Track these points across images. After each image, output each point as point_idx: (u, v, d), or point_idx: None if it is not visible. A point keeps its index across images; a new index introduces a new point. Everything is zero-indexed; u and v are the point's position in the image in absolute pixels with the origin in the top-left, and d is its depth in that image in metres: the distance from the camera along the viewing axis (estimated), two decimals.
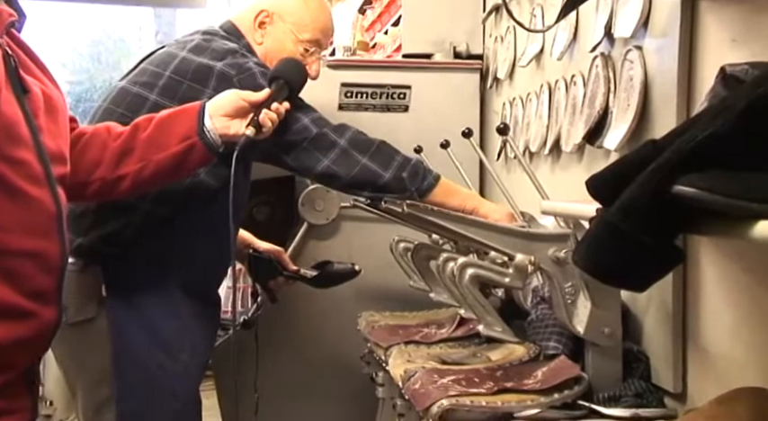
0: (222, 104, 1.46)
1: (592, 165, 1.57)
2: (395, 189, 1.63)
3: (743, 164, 0.68)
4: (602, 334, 1.26)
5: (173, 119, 1.45)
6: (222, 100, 1.47)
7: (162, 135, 1.42)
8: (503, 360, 1.38)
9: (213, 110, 1.45)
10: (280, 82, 1.54)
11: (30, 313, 1.12)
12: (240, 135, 1.45)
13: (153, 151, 1.41)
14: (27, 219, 1.12)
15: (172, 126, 1.43)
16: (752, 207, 0.66)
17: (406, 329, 1.76)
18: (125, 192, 1.43)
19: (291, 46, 1.80)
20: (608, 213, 0.77)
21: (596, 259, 0.80)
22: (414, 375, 1.30)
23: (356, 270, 1.93)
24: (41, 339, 1.16)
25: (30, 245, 1.12)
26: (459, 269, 1.33)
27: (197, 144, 1.42)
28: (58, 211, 1.16)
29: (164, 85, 1.66)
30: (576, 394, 1.21)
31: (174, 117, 1.45)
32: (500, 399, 1.19)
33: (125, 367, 1.62)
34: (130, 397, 1.62)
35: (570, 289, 1.27)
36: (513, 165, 2.07)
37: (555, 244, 1.27)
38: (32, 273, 1.12)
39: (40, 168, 1.14)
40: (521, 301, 1.62)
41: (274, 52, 1.78)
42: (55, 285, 1.16)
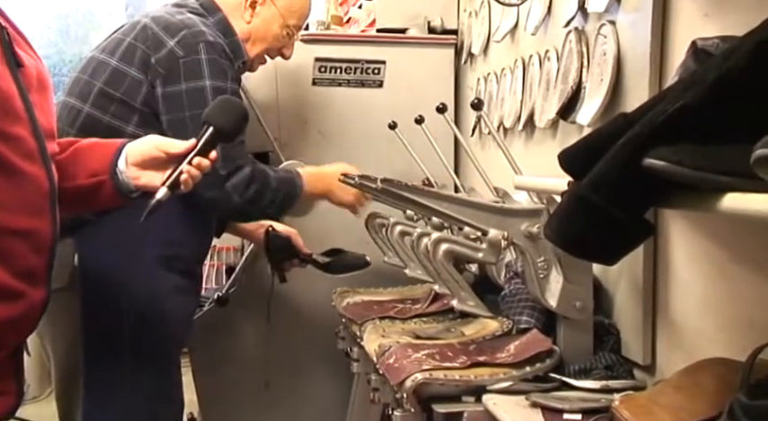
0: (136, 152, 1.29)
1: (565, 141, 1.57)
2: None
3: (712, 137, 0.68)
4: (574, 308, 1.27)
5: (90, 150, 1.33)
6: (139, 147, 1.30)
7: (75, 164, 1.31)
8: (476, 334, 1.39)
9: (130, 154, 1.29)
10: (208, 129, 1.30)
11: (20, 293, 1.10)
12: (153, 189, 1.26)
13: (61, 178, 1.26)
14: (22, 196, 1.09)
15: (87, 157, 1.32)
16: (720, 180, 0.67)
17: (381, 305, 1.77)
18: None
19: (277, 29, 1.84)
20: (579, 187, 0.77)
21: (567, 232, 0.80)
22: (388, 350, 1.31)
23: (368, 261, 1.93)
24: (30, 319, 1.14)
25: (23, 223, 1.10)
26: (434, 244, 1.34)
27: (106, 183, 1.29)
28: (52, 189, 1.14)
29: (123, 49, 1.69)
30: (547, 367, 1.22)
31: (92, 149, 1.33)
32: (473, 373, 1.20)
33: (92, 334, 1.62)
34: (96, 368, 1.62)
35: (543, 263, 1.28)
36: (488, 141, 2.07)
37: (528, 219, 1.28)
38: (24, 252, 1.10)
39: (34, 144, 1.12)
40: (494, 276, 1.63)
41: (260, 33, 1.82)
42: (46, 265, 1.14)
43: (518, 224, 1.28)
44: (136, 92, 1.66)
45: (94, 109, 1.67)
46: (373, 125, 2.24)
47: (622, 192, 0.74)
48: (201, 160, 1.28)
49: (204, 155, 1.28)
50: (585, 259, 1.00)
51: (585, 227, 0.77)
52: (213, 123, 1.31)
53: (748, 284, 1.05)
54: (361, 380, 1.85)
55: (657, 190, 0.74)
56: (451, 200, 1.29)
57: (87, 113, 1.67)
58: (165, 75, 1.64)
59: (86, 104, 1.68)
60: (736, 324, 1.07)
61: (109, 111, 1.66)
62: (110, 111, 1.66)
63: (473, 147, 2.03)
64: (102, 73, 1.69)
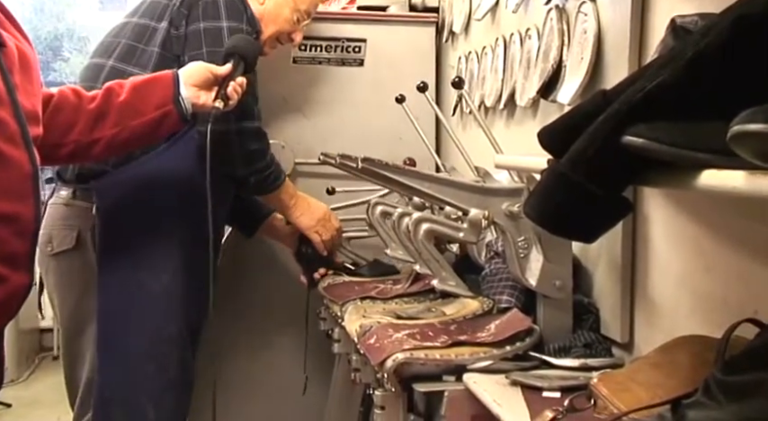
0: (192, 74, 1.50)
1: (546, 120, 1.56)
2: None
3: (690, 114, 0.69)
4: (554, 287, 1.28)
5: (148, 86, 1.49)
6: (192, 70, 1.51)
7: (138, 101, 1.46)
8: (457, 314, 1.40)
9: (185, 79, 1.49)
10: (236, 58, 1.57)
11: (1, 278, 1.10)
12: (209, 107, 1.50)
13: (129, 116, 1.45)
14: (3, 181, 1.09)
15: (148, 93, 1.47)
16: (698, 157, 0.67)
17: (362, 285, 1.77)
18: (98, 155, 1.47)
19: (288, 13, 1.87)
20: (558, 164, 0.78)
21: (545, 209, 0.81)
22: (369, 330, 1.31)
23: (398, 270, 1.92)
24: (11, 304, 1.15)
25: (5, 208, 1.09)
26: (414, 224, 1.34)
27: (171, 112, 1.47)
28: (34, 173, 1.14)
29: (145, 8, 1.76)
30: (527, 346, 1.23)
31: (149, 84, 1.49)
32: (454, 352, 1.20)
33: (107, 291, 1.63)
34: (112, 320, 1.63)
35: (523, 243, 1.29)
36: (469, 120, 2.07)
37: (508, 198, 1.28)
38: (6, 237, 1.10)
39: (16, 127, 1.11)
40: (475, 256, 1.63)
41: (271, 15, 1.85)
42: (28, 250, 1.14)
43: (499, 203, 1.28)
44: (154, 38, 1.72)
45: (118, 62, 1.73)
46: (354, 104, 2.23)
47: (601, 170, 0.74)
48: (242, 80, 1.54)
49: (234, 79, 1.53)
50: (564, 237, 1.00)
51: (564, 204, 0.78)
52: (240, 53, 1.57)
53: (724, 262, 1.06)
54: (342, 360, 1.86)
55: (636, 167, 0.74)
56: (432, 179, 1.29)
57: (111, 67, 1.72)
58: (188, 14, 1.71)
59: (110, 59, 1.73)
60: (712, 301, 1.08)
61: (131, 63, 1.71)
62: (131, 63, 1.71)
63: (454, 127, 2.03)
64: (127, 31, 1.75)
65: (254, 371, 2.21)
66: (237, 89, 1.53)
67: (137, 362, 1.63)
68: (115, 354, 1.63)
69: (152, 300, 1.64)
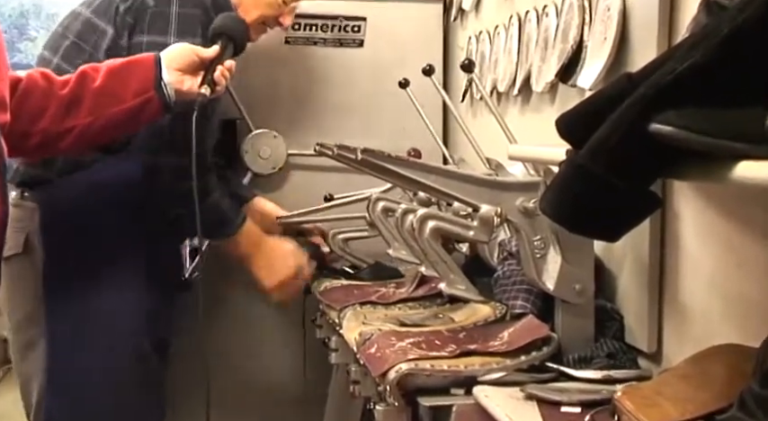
0: (175, 57, 1.50)
1: (565, 106, 1.55)
2: None
3: (725, 98, 0.68)
4: (574, 291, 1.28)
5: (126, 69, 1.47)
6: (175, 52, 1.51)
7: (116, 86, 1.45)
8: (466, 321, 1.40)
9: (167, 62, 1.48)
10: (224, 39, 1.57)
11: None
12: (195, 93, 1.49)
13: (105, 104, 1.44)
14: None
15: (126, 77, 1.46)
16: (735, 146, 0.67)
17: (362, 289, 1.77)
18: (69, 146, 1.46)
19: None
20: (578, 155, 0.77)
21: (564, 206, 0.80)
22: (369, 338, 1.31)
23: (402, 273, 1.92)
24: None
25: None
26: (419, 222, 1.34)
27: (153, 99, 1.46)
28: (2, 164, 1.13)
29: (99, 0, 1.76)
30: (544, 356, 1.23)
31: (127, 67, 1.48)
32: (463, 363, 1.20)
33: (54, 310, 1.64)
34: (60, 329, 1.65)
35: (539, 242, 1.29)
36: (480, 107, 2.06)
37: (523, 193, 1.28)
38: None
39: None
40: (486, 257, 1.63)
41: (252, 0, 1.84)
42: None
43: (512, 199, 1.28)
44: (101, 43, 1.71)
45: (63, 61, 1.72)
46: (353, 89, 2.23)
47: (625, 161, 0.74)
48: (231, 63, 1.54)
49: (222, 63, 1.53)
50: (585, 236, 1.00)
51: (584, 199, 0.77)
52: (228, 34, 1.58)
53: (763, 264, 1.06)
54: (340, 371, 1.86)
55: (664, 158, 0.74)
56: (439, 172, 1.29)
57: (56, 65, 1.71)
58: (133, 24, 1.69)
59: (56, 56, 1.73)
60: (749, 307, 1.08)
61: (74, 65, 1.68)
62: (75, 65, 1.68)
63: (463, 114, 2.03)
64: (77, 25, 1.75)
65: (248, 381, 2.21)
66: (226, 73, 1.53)
67: (86, 384, 1.64)
68: (64, 376, 1.64)
69: (103, 317, 1.65)
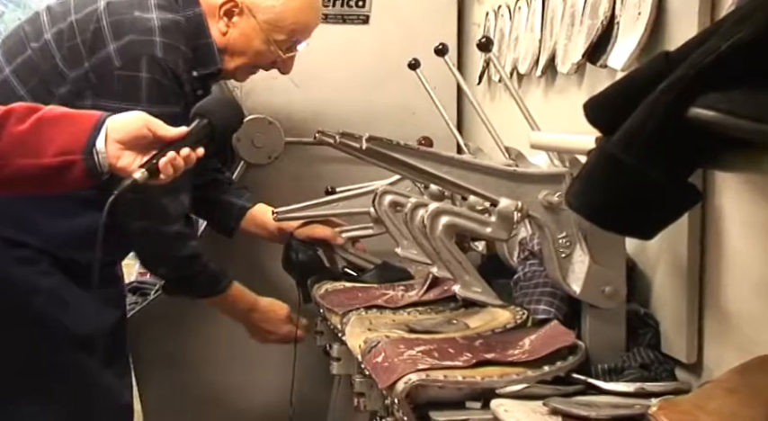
0: (122, 127, 1.40)
1: (593, 89, 1.56)
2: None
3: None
4: (603, 294, 1.28)
5: (58, 122, 1.39)
6: (125, 121, 1.41)
7: (37, 138, 1.36)
8: (483, 327, 1.40)
9: (110, 129, 1.39)
10: (203, 122, 1.48)
11: None
12: (129, 173, 1.39)
13: (19, 153, 1.35)
14: None
15: (54, 131, 1.37)
16: None
17: (367, 292, 1.78)
18: None
19: (259, 45, 1.87)
20: (608, 143, 0.77)
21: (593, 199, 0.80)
22: (376, 346, 1.32)
23: (412, 274, 1.93)
24: None
25: None
26: (431, 217, 1.33)
27: (77, 163, 1.37)
28: None
29: (66, 26, 1.75)
30: (570, 366, 1.23)
31: (60, 120, 1.39)
32: (479, 373, 1.20)
33: None
34: None
35: (565, 240, 1.29)
36: (498, 90, 2.06)
37: (547, 186, 1.28)
38: None
39: None
40: (505, 256, 1.63)
41: (238, 46, 1.86)
42: None
43: (535, 192, 1.27)
44: (55, 81, 1.72)
45: (13, 75, 1.75)
46: (357, 70, 2.23)
47: (661, 150, 0.74)
48: (191, 153, 1.42)
49: (192, 148, 1.43)
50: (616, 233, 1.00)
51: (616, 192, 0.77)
52: (209, 118, 1.48)
53: None
54: (342, 383, 1.86)
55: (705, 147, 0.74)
56: (453, 162, 1.29)
57: (4, 79, 1.74)
58: (98, 85, 1.71)
59: (9, 66, 1.76)
60: None
61: (27, 85, 1.72)
62: (28, 87, 1.72)
63: (480, 98, 2.03)
64: (38, 38, 1.76)
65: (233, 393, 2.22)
66: (179, 163, 1.41)
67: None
68: None
69: None
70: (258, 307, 2.00)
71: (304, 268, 1.97)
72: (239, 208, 2.05)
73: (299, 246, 1.97)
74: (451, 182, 1.28)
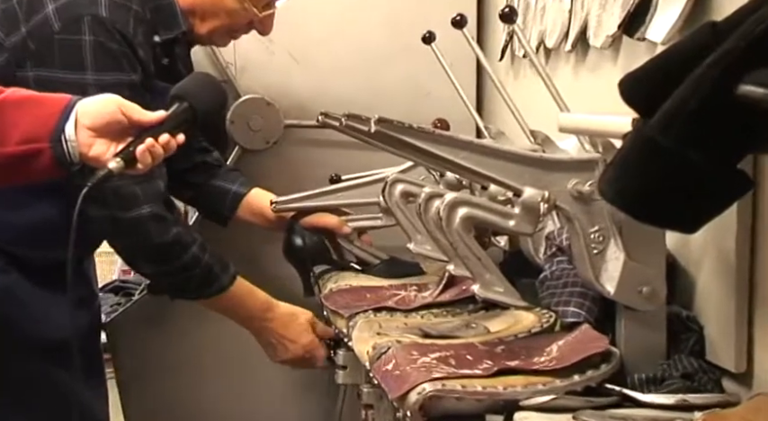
0: (95, 112, 1.39)
1: (630, 65, 1.55)
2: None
3: None
4: (640, 294, 1.28)
5: (22, 105, 1.38)
6: (97, 105, 1.40)
7: (1, 124, 1.35)
8: (506, 331, 1.41)
9: (81, 114, 1.38)
10: (183, 105, 1.47)
11: None
12: (102, 164, 1.38)
13: None
14: None
15: (18, 116, 1.36)
16: None
17: (376, 292, 1.78)
18: None
19: (232, 3, 1.85)
20: (646, 125, 0.77)
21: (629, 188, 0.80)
22: (386, 352, 1.32)
23: (423, 269, 1.93)
24: None
25: None
26: (448, 209, 1.34)
27: (44, 152, 1.35)
28: None
29: None
30: (603, 375, 1.23)
31: (25, 103, 1.38)
32: (501, 383, 1.20)
33: None
34: None
35: (597, 234, 1.29)
36: (523, 67, 2.07)
37: (577, 173, 1.28)
38: None
39: None
40: (530, 253, 1.64)
41: (208, 8, 1.84)
42: None
43: (563, 180, 1.27)
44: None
45: None
46: (364, 44, 2.23)
47: (705, 132, 0.73)
48: (171, 139, 1.42)
49: (171, 134, 1.42)
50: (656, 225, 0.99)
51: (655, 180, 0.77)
52: (189, 100, 1.46)
53: None
54: (348, 394, 1.87)
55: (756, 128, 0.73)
56: (472, 147, 1.29)
57: None
58: (37, 52, 1.68)
59: None
60: None
61: None
62: None
63: (502, 76, 2.03)
64: None
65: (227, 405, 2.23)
66: (159, 151, 1.42)
67: None
68: None
69: None
70: (275, 310, 1.90)
71: (308, 255, 1.96)
72: (234, 194, 2.04)
73: (303, 230, 1.97)
74: (470, 169, 1.28)
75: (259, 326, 1.90)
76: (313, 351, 1.88)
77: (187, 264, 1.79)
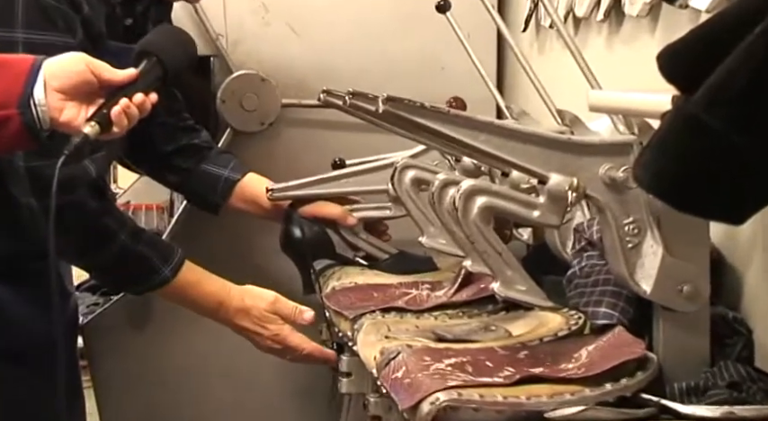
0: (61, 72, 1.40)
1: (670, 36, 1.56)
2: None
3: None
4: (680, 294, 1.28)
5: None
6: (64, 64, 1.41)
7: None
8: (529, 335, 1.41)
9: (49, 75, 1.39)
10: (152, 60, 1.50)
11: None
12: (75, 129, 1.40)
13: None
14: None
15: None
16: None
17: (385, 290, 1.79)
18: None
19: None
20: (688, 103, 0.77)
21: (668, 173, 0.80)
22: (395, 358, 1.32)
23: (435, 264, 1.93)
24: None
25: None
26: (464, 198, 1.34)
27: (13, 119, 1.36)
28: None
29: None
30: (638, 384, 1.23)
31: None
32: (524, 392, 1.21)
33: None
34: None
35: (632, 226, 1.29)
36: (549, 39, 2.07)
37: (610, 158, 1.28)
38: None
39: None
40: (557, 247, 1.64)
41: None
42: None
43: (594, 166, 1.28)
44: None
45: None
46: (370, 14, 2.23)
47: (755, 110, 0.73)
48: (145, 98, 1.45)
49: (145, 93, 1.45)
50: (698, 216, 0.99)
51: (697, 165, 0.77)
52: (158, 55, 1.48)
53: None
54: (354, 404, 1.87)
55: None
56: (492, 129, 1.29)
57: None
58: None
59: None
60: None
61: None
62: None
63: (526, 49, 2.02)
64: None
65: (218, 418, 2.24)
66: (134, 112, 1.44)
67: None
68: None
69: None
70: (227, 305, 1.85)
71: (308, 248, 1.97)
72: (226, 180, 2.05)
73: (303, 220, 1.97)
74: (489, 153, 1.28)
75: (219, 320, 1.88)
76: (283, 341, 1.84)
77: (117, 256, 1.77)
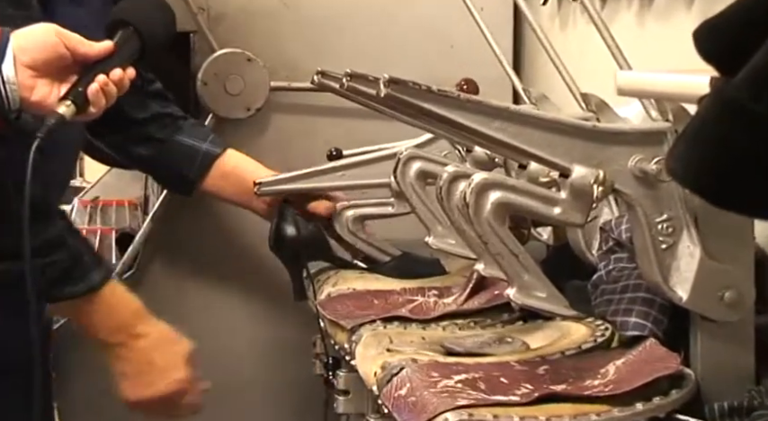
0: (32, 47, 1.43)
1: (708, 11, 1.56)
2: None
3: None
4: (721, 301, 1.28)
5: None
6: (31, 38, 1.44)
7: None
8: (550, 348, 1.41)
9: (18, 50, 1.41)
10: (128, 30, 1.52)
11: None
12: (48, 109, 1.42)
13: None
14: None
15: None
16: None
17: (386, 297, 1.79)
18: None
19: None
20: (728, 86, 0.76)
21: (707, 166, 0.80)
22: (398, 374, 1.32)
23: (443, 267, 1.93)
24: None
25: None
26: (476, 193, 1.34)
27: None
28: None
29: None
30: (673, 403, 1.23)
31: None
32: (544, 412, 1.21)
33: None
34: None
35: (666, 225, 1.29)
36: (572, 14, 2.07)
37: (641, 148, 1.28)
38: None
39: None
40: (581, 248, 1.64)
41: None
42: None
43: (623, 157, 1.28)
44: None
45: None
46: None
47: None
48: (123, 73, 1.47)
49: (122, 68, 1.47)
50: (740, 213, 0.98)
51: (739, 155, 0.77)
52: (137, 26, 1.51)
53: None
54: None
55: None
56: (507, 115, 1.29)
57: None
58: None
59: None
60: None
61: None
62: None
63: (546, 25, 2.02)
64: None
65: None
66: (112, 89, 1.46)
67: None
68: None
69: None
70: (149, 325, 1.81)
71: (303, 248, 1.97)
72: (204, 154, 2.02)
73: (298, 217, 1.97)
74: (505, 142, 1.28)
75: (124, 342, 1.80)
76: (187, 391, 1.83)
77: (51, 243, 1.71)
